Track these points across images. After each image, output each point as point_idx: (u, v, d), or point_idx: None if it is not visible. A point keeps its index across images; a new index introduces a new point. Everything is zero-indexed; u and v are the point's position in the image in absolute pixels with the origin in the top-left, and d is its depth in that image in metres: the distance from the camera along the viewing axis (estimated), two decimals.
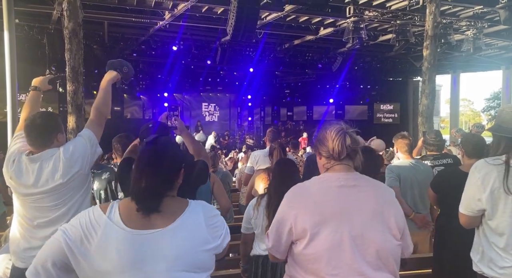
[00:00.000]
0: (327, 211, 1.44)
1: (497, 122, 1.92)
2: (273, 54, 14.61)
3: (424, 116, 4.49)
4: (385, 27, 11.13)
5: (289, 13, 9.74)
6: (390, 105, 17.59)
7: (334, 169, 1.52)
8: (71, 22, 3.96)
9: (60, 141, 2.11)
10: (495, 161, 1.84)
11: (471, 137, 2.77)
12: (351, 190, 1.48)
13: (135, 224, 1.22)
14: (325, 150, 1.52)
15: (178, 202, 1.31)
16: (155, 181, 1.24)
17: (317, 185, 1.53)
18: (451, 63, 14.97)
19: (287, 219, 1.48)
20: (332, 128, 1.52)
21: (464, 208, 1.93)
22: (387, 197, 1.53)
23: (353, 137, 1.52)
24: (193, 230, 1.26)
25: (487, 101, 35.43)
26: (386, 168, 3.39)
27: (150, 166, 1.26)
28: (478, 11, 9.35)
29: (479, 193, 1.84)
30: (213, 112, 17.88)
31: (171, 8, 9.62)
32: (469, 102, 51.86)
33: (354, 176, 1.52)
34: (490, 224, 1.85)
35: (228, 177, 4.66)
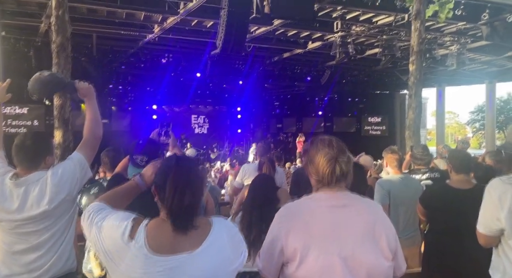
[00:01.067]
0: (318, 231, 1.42)
1: (508, 140, 1.93)
2: (263, 67, 14.74)
3: (411, 130, 4.56)
4: (372, 41, 11.35)
5: (277, 27, 9.87)
6: (377, 118, 17.81)
7: (324, 190, 1.51)
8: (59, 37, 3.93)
9: (48, 163, 2.04)
10: (510, 180, 1.83)
11: (457, 153, 2.80)
12: (341, 210, 1.46)
13: (163, 248, 1.23)
14: (315, 172, 1.51)
15: (203, 221, 1.33)
16: (194, 198, 1.28)
17: (307, 204, 1.51)
18: (436, 77, 15.31)
19: (278, 238, 1.45)
20: (323, 153, 1.49)
21: (483, 228, 1.91)
22: (378, 216, 1.52)
23: (345, 163, 1.49)
24: (219, 252, 1.28)
25: (471, 114, 36.19)
26: (376, 182, 3.40)
27: (191, 182, 1.30)
28: (461, 27, 9.62)
29: (497, 212, 1.82)
30: (202, 125, 17.84)
31: (160, 21, 9.66)
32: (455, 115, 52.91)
33: (345, 196, 1.50)
34: (511, 243, 1.83)
35: (215, 191, 4.63)
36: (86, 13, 9.12)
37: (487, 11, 8.22)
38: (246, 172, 4.08)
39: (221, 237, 1.30)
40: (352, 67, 14.69)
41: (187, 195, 1.26)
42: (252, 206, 2.39)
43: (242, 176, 4.12)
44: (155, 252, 1.22)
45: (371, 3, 7.70)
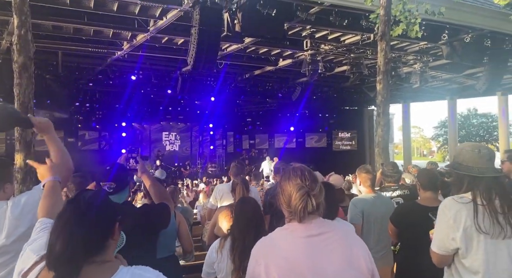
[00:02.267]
0: (299, 266, 1.39)
1: (458, 160, 1.96)
2: (234, 84, 14.81)
3: (380, 147, 4.67)
4: (341, 59, 11.70)
5: (249, 45, 9.99)
6: (347, 133, 18.23)
7: (295, 219, 1.48)
8: (21, 56, 3.75)
9: (7, 192, 1.90)
10: (463, 199, 1.86)
11: (426, 172, 2.88)
12: (318, 239, 1.44)
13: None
14: (287, 204, 1.48)
15: (102, 270, 1.10)
16: (73, 245, 1.05)
17: (283, 237, 1.47)
18: (402, 94, 15.94)
19: (258, 276, 1.42)
20: (296, 186, 1.46)
21: (437, 247, 1.92)
22: (354, 239, 1.53)
23: (317, 197, 1.46)
24: None
25: (435, 129, 37.83)
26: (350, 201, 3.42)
27: (67, 225, 1.07)
28: (423, 46, 10.11)
29: (452, 232, 1.84)
30: (174, 142, 17.57)
31: (130, 39, 9.54)
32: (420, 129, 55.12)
33: (318, 223, 1.48)
34: (464, 262, 1.85)
35: (188, 212, 4.50)
36: (51, 30, 8.85)
37: (446, 32, 8.69)
38: (219, 193, 4.00)
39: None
40: (322, 83, 15.03)
41: (60, 241, 1.05)
42: (245, 231, 2.30)
43: (216, 197, 4.03)
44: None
45: (338, 23, 7.95)
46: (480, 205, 1.82)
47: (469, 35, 8.67)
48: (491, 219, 1.79)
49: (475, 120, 34.42)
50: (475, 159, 1.89)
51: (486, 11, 8.44)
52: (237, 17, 7.29)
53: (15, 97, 3.90)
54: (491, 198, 1.82)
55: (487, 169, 1.87)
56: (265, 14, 7.14)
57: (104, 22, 8.36)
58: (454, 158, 2.02)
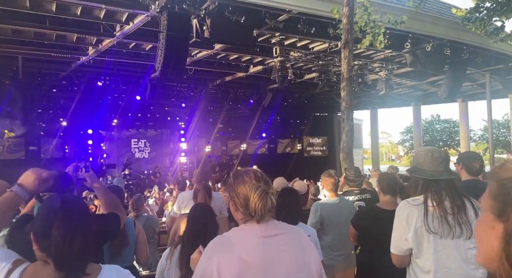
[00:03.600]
0: (250, 265, 1.40)
1: (414, 165, 2.06)
2: (205, 90, 14.71)
3: (345, 152, 4.75)
4: (310, 66, 11.90)
5: (219, 52, 9.97)
6: (318, 139, 18.50)
7: (252, 221, 1.49)
8: None
9: None
10: (415, 201, 1.94)
11: (386, 176, 2.96)
12: (273, 240, 1.46)
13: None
14: (243, 205, 1.48)
15: (91, 268, 1.21)
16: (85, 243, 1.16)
17: (238, 237, 1.48)
18: (369, 100, 16.38)
19: (209, 273, 1.39)
20: (253, 187, 1.47)
21: (394, 248, 2.00)
22: (305, 242, 1.56)
23: (273, 195, 1.51)
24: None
25: (402, 135, 39.12)
26: (312, 204, 3.45)
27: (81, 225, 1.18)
28: (388, 54, 10.45)
29: (405, 233, 1.92)
30: (143, 149, 17.21)
31: (95, 44, 9.29)
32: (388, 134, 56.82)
33: (273, 225, 1.51)
34: (418, 262, 1.93)
35: (153, 221, 4.38)
36: (10, 34, 8.48)
37: (409, 41, 9.03)
38: (183, 201, 3.92)
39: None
40: (293, 90, 15.22)
41: (78, 241, 1.14)
42: (194, 238, 2.26)
43: (179, 204, 3.95)
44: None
45: (306, 30, 8.08)
46: (430, 206, 1.89)
47: (430, 44, 9.05)
48: (440, 219, 1.87)
49: (439, 126, 35.90)
50: (428, 163, 1.97)
51: (446, 21, 8.85)
52: (205, 23, 7.26)
53: None
54: (441, 200, 1.90)
55: (439, 172, 1.94)
56: (234, 20, 7.15)
57: (68, 27, 8.10)
58: (412, 161, 2.10)
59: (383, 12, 6.91)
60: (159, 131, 17.30)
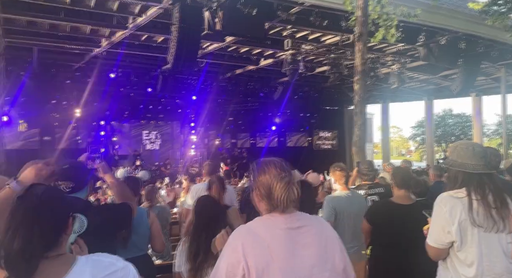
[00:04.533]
0: (277, 255, 1.40)
1: (452, 158, 2.04)
2: (216, 83, 14.74)
3: (357, 146, 4.75)
4: (321, 59, 11.82)
5: (230, 44, 9.97)
6: (328, 133, 18.42)
7: (276, 211, 1.48)
8: None
9: None
10: (458, 194, 1.94)
11: (399, 170, 2.97)
12: (297, 232, 1.46)
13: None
14: (267, 196, 1.47)
15: (59, 263, 1.09)
16: (32, 241, 1.03)
17: (263, 227, 1.47)
18: (381, 94, 16.23)
19: (237, 266, 1.38)
20: (277, 177, 1.46)
21: (434, 241, 1.98)
22: (329, 234, 1.55)
23: (297, 185, 1.49)
24: None
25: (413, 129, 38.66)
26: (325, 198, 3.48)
27: (24, 222, 1.05)
28: (400, 48, 10.33)
29: (448, 225, 1.91)
30: (154, 141, 17.34)
31: (108, 36, 9.37)
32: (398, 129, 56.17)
33: (298, 216, 1.50)
34: (459, 255, 1.92)
35: (166, 212, 4.46)
36: (26, 25, 8.60)
37: (423, 34, 8.91)
38: (196, 192, 3.98)
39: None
40: (303, 83, 15.15)
41: (19, 238, 1.03)
42: (198, 231, 2.32)
43: (193, 196, 4.01)
44: None
45: (318, 23, 8.02)
46: (474, 199, 1.89)
47: (444, 37, 8.92)
48: (485, 213, 1.87)
49: (451, 121, 35.36)
50: (470, 156, 1.97)
51: (461, 14, 8.70)
52: (218, 16, 7.26)
53: None
54: (485, 193, 1.90)
55: (481, 165, 1.95)
56: (246, 13, 7.14)
57: (82, 19, 8.18)
58: (449, 155, 2.09)
59: (397, 4, 6.83)
60: (169, 123, 17.41)
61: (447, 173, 2.12)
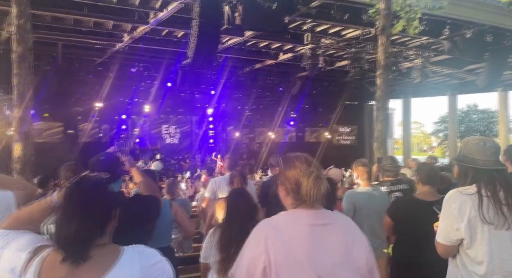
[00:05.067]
0: (299, 251, 1.38)
1: (463, 153, 1.99)
2: (235, 78, 14.77)
3: (379, 141, 4.68)
4: (341, 54, 11.66)
5: (249, 39, 9.95)
6: (347, 128, 18.22)
7: (303, 206, 1.46)
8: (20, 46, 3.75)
9: None
10: (468, 191, 1.89)
11: (425, 166, 2.90)
12: (322, 229, 1.43)
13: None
14: (295, 190, 1.46)
15: (109, 251, 1.17)
16: (82, 227, 1.12)
17: (287, 222, 1.46)
18: (402, 89, 15.90)
19: (259, 258, 1.38)
20: (305, 171, 1.45)
21: (443, 238, 1.94)
22: (356, 234, 1.51)
23: (325, 180, 1.48)
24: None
25: (435, 125, 37.75)
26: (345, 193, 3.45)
27: (79, 208, 1.15)
28: (424, 41, 10.07)
29: (457, 222, 1.87)
30: (173, 135, 17.56)
31: (130, 31, 9.50)
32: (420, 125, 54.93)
33: (323, 213, 1.48)
34: (469, 253, 1.88)
35: (187, 205, 4.53)
36: (51, 21, 8.81)
37: (448, 27, 8.66)
38: (217, 186, 4.01)
39: (132, 268, 1.14)
40: (322, 78, 15.00)
41: (75, 222, 1.12)
42: (231, 222, 2.35)
43: (213, 189, 4.05)
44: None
45: (339, 17, 7.91)
46: (484, 196, 1.84)
47: (470, 30, 8.64)
48: (495, 210, 1.82)
49: (475, 116, 34.37)
50: (480, 152, 1.92)
51: (488, 6, 8.40)
52: (237, 10, 7.25)
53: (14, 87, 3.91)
54: (496, 190, 1.85)
55: (491, 161, 1.90)
56: (266, 7, 7.11)
57: (104, 14, 8.32)
58: (460, 150, 2.04)
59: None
60: (188, 118, 17.58)
61: (458, 169, 2.07)
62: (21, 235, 1.20)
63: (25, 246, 1.17)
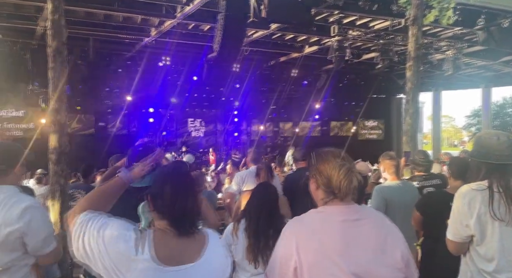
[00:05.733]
0: (330, 248, 1.37)
1: (476, 148, 1.94)
2: (259, 71, 14.75)
3: (409, 135, 4.56)
4: (369, 46, 11.40)
5: (274, 31, 9.90)
6: (374, 122, 17.85)
7: (333, 202, 1.45)
8: (55, 41, 3.91)
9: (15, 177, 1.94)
10: (479, 186, 1.84)
11: (457, 160, 2.83)
12: (354, 225, 1.42)
13: (170, 259, 1.23)
14: (327, 185, 1.45)
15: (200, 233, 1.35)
16: (195, 202, 1.32)
17: (318, 219, 1.45)
18: (433, 81, 15.39)
19: (290, 258, 1.38)
20: (337, 165, 1.44)
21: (452, 235, 1.92)
22: (390, 229, 1.49)
23: (357, 174, 1.47)
24: (219, 261, 1.33)
25: (467, 119, 36.36)
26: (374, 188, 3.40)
27: (189, 186, 1.33)
28: (457, 32, 9.68)
29: (466, 219, 1.83)
30: (199, 128, 17.78)
31: (158, 25, 9.66)
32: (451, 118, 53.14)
33: (355, 208, 1.46)
34: (479, 250, 1.84)
35: (214, 197, 4.60)
36: (83, 16, 9.09)
37: (483, 17, 8.29)
38: (243, 179, 4.04)
39: (219, 246, 1.33)
40: (349, 71, 14.74)
41: (189, 200, 1.29)
42: (258, 214, 2.40)
43: (238, 182, 4.08)
44: (164, 263, 1.21)
45: (367, 8, 7.74)
46: (496, 192, 1.79)
47: (507, 20, 8.23)
48: (507, 206, 1.76)
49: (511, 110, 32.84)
50: (494, 146, 1.86)
51: None
52: (263, 3, 7.22)
53: (50, 81, 4.08)
54: (508, 185, 1.79)
55: (505, 156, 1.83)
56: None
57: (133, 8, 8.50)
58: (473, 145, 1.99)
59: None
60: (213, 111, 17.74)
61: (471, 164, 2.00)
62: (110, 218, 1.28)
63: (125, 227, 1.26)
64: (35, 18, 8.95)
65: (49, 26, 3.94)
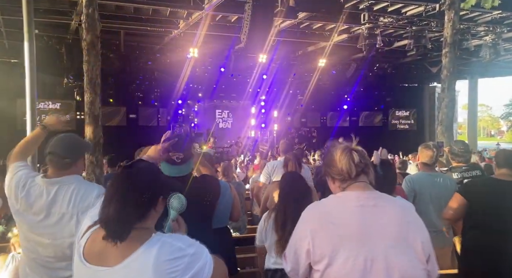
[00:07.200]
0: (346, 233, 1.36)
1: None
2: (287, 61, 14.60)
3: (444, 125, 4.37)
4: (401, 33, 11.01)
5: (302, 21, 9.74)
6: (405, 112, 17.33)
7: (351, 188, 1.45)
8: (89, 34, 4.03)
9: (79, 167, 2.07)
10: None
11: (503, 151, 2.76)
12: (372, 210, 1.40)
13: (91, 257, 1.19)
14: (335, 171, 1.48)
15: (143, 236, 1.18)
16: (121, 210, 1.16)
17: (335, 204, 1.46)
18: (469, 69, 14.69)
19: (304, 240, 1.41)
20: (338, 149, 1.49)
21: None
22: (412, 218, 1.45)
23: (360, 152, 1.47)
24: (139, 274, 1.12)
25: (506, 107, 34.57)
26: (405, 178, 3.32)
27: (119, 191, 1.19)
28: (496, 16, 9.16)
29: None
30: (226, 119, 17.92)
31: (186, 17, 9.73)
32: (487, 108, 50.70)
33: (374, 195, 1.45)
34: None
35: (242, 188, 4.63)
36: (114, 10, 9.30)
37: None
38: (272, 169, 4.05)
39: (147, 258, 1.13)
40: (379, 59, 14.32)
41: (113, 205, 1.16)
42: (285, 204, 2.40)
43: (268, 172, 4.10)
44: (85, 259, 1.20)
45: None
46: None
47: None
48: None
49: None
50: None
51: None
52: None
53: (84, 73, 4.21)
54: None
55: None
56: None
57: (162, 1, 8.60)
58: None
59: None
60: (241, 102, 17.79)
61: None
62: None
63: (94, 216, 1.28)
64: (69, 13, 9.25)
65: (84, 19, 4.06)
